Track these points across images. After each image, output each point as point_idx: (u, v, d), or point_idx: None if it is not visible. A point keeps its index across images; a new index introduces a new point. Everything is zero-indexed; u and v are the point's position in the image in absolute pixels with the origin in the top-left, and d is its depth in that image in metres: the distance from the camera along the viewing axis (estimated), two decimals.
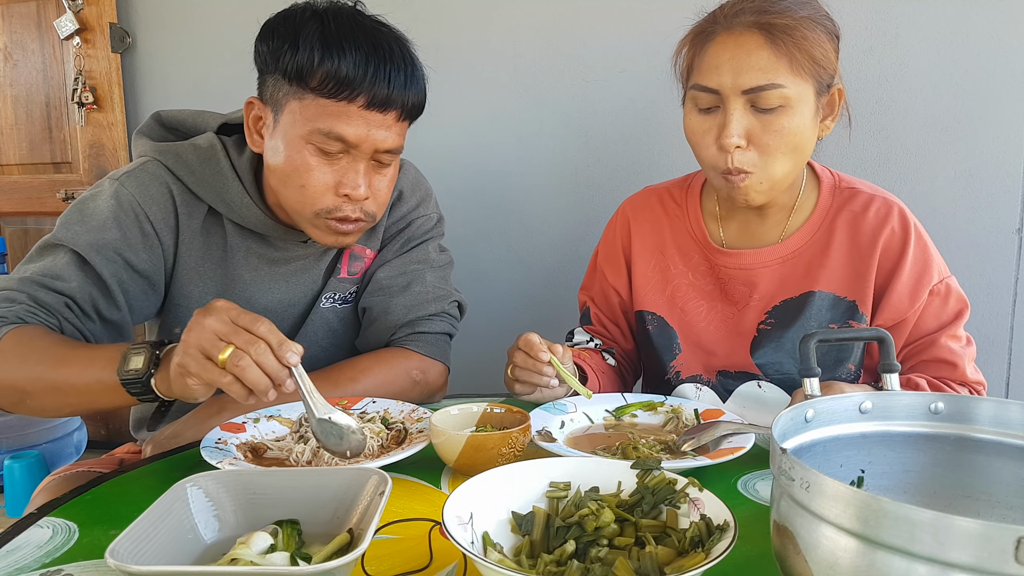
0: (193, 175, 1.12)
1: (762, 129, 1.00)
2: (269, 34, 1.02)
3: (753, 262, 1.14)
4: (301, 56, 0.97)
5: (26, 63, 2.53)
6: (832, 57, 1.03)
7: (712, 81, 1.01)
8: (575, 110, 1.93)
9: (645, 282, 1.23)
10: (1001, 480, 0.63)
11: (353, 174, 1.03)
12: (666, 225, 1.23)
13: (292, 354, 0.80)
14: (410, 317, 1.21)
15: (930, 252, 1.09)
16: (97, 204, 1.09)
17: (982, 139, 1.63)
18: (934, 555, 0.42)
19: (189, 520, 0.65)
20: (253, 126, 1.08)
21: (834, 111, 1.07)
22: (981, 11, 1.59)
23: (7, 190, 2.63)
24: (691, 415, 1.02)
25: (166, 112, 1.22)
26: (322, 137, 1.00)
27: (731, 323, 1.16)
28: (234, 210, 1.13)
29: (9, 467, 2.35)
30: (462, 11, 1.99)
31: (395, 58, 1.01)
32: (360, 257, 1.25)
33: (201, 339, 0.80)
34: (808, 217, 1.14)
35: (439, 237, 1.32)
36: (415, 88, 1.04)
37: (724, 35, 1.01)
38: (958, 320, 1.09)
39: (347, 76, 0.97)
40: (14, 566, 0.66)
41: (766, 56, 0.98)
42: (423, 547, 0.69)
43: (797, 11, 1.00)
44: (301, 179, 1.02)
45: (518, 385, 1.07)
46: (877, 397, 0.66)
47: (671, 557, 0.59)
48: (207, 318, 0.80)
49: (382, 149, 1.03)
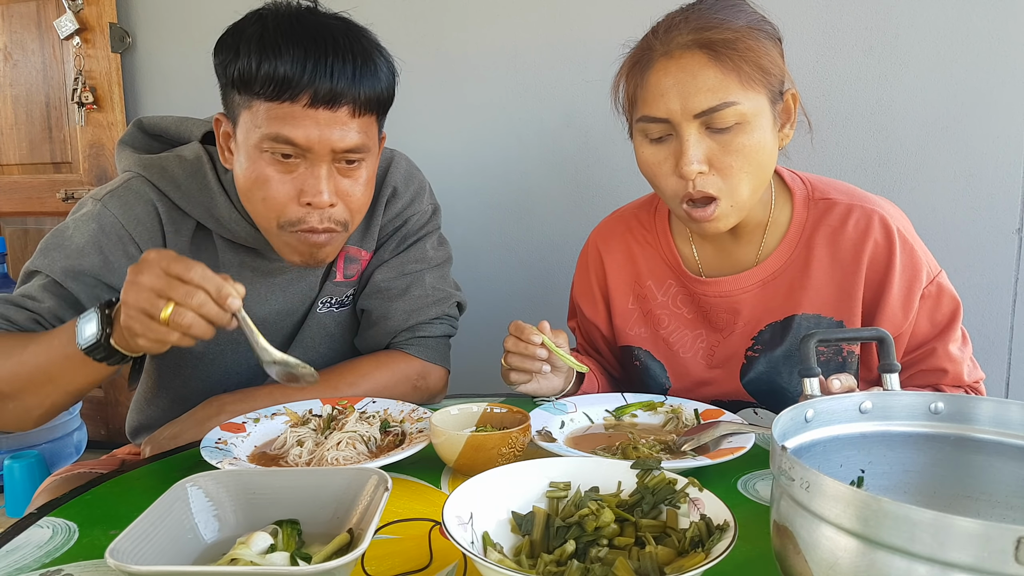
0: (179, 190, 1.09)
1: (722, 151, 0.94)
2: (219, 46, 0.99)
3: (733, 288, 1.09)
4: (242, 62, 0.94)
5: (26, 63, 2.53)
6: (779, 62, 0.97)
7: (660, 110, 0.95)
8: (575, 110, 1.93)
9: (626, 317, 1.18)
10: (1001, 480, 0.63)
11: (313, 180, 0.97)
12: (638, 253, 1.17)
13: (233, 299, 0.80)
14: (410, 323, 1.19)
15: (917, 256, 1.03)
16: (78, 228, 1.06)
17: (982, 139, 1.63)
18: (934, 555, 0.42)
19: (189, 520, 0.65)
20: (224, 143, 1.04)
21: (791, 117, 1.01)
22: (981, 11, 1.59)
23: (7, 190, 2.63)
24: (691, 415, 1.02)
25: (147, 119, 1.19)
26: (271, 143, 0.95)
27: (718, 350, 1.12)
28: (223, 225, 1.10)
29: (9, 467, 2.35)
30: (462, 12, 1.99)
31: (340, 50, 0.94)
32: (356, 259, 1.22)
33: (139, 299, 0.79)
34: (784, 234, 1.07)
35: (436, 231, 1.27)
36: (369, 80, 0.97)
37: (663, 60, 0.95)
38: (954, 322, 1.04)
39: (285, 75, 0.92)
40: (14, 566, 0.66)
41: (713, 75, 0.93)
42: (423, 547, 0.69)
43: (734, 21, 0.95)
44: (261, 191, 0.98)
45: (513, 374, 1.05)
46: (877, 397, 0.66)
47: (671, 557, 0.59)
48: (140, 275, 0.79)
49: (340, 149, 0.96)
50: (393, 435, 0.95)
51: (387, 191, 1.20)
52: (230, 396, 1.07)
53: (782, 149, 1.03)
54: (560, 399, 1.06)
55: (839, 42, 1.69)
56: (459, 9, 1.98)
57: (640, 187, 1.31)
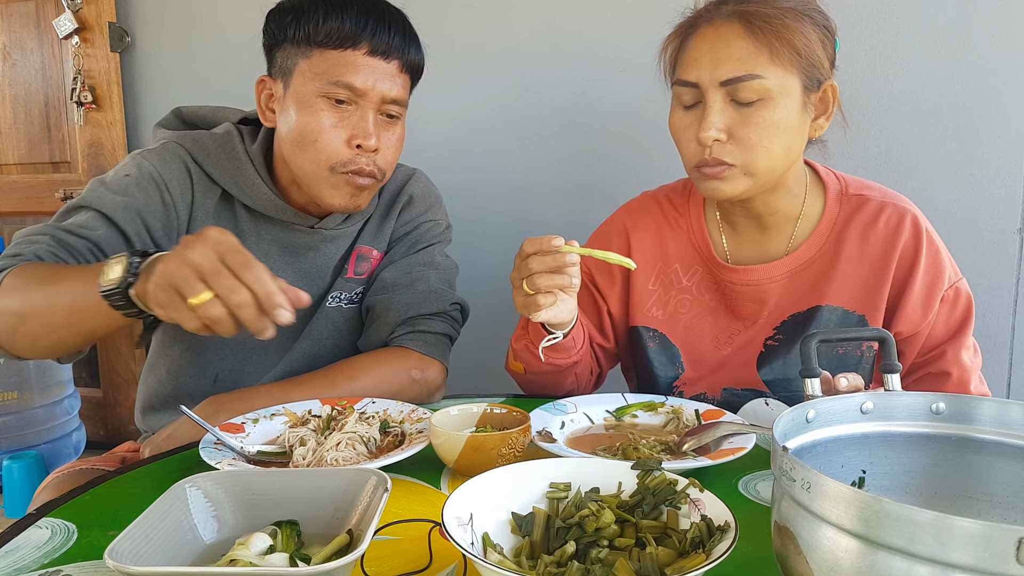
0: (209, 158, 1.16)
1: (742, 122, 0.97)
2: (276, 13, 1.10)
3: (762, 278, 1.10)
4: (306, 19, 1.06)
5: (25, 62, 2.53)
6: (819, 51, 0.98)
7: (691, 75, 0.98)
8: (575, 110, 1.93)
9: (646, 296, 1.17)
10: (1002, 480, 0.63)
11: (364, 124, 1.08)
12: (668, 235, 1.17)
13: (284, 312, 0.73)
14: (411, 314, 1.21)
15: (942, 258, 1.05)
16: (117, 173, 1.12)
17: (983, 138, 1.63)
18: (935, 556, 0.42)
19: (188, 521, 0.64)
20: (265, 104, 1.14)
21: (828, 109, 1.03)
22: (982, 10, 1.59)
23: (6, 190, 2.63)
24: (692, 415, 1.02)
25: (187, 108, 1.28)
26: (331, 87, 1.06)
27: (737, 339, 1.12)
28: (245, 191, 1.16)
29: (8, 467, 2.35)
30: (462, 10, 1.98)
31: (392, 16, 1.09)
32: (367, 258, 1.26)
33: (177, 273, 0.72)
34: (815, 227, 1.09)
35: (446, 243, 1.33)
36: (415, 46, 1.12)
37: (705, 27, 0.99)
38: (966, 327, 1.05)
39: (349, 28, 1.05)
40: (13, 567, 0.65)
41: (744, 46, 0.95)
42: (423, 548, 0.69)
43: (781, 1, 0.97)
44: (314, 134, 1.07)
45: (541, 297, 0.96)
46: (878, 397, 0.66)
47: (672, 558, 0.59)
48: (191, 249, 0.72)
49: (388, 98, 1.09)
50: (393, 436, 0.95)
51: (403, 198, 1.28)
52: (229, 396, 1.06)
53: (814, 140, 1.04)
54: (561, 400, 1.06)
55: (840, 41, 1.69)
56: (459, 8, 1.98)
57: (640, 187, 1.32)
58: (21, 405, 2.47)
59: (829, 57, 1.01)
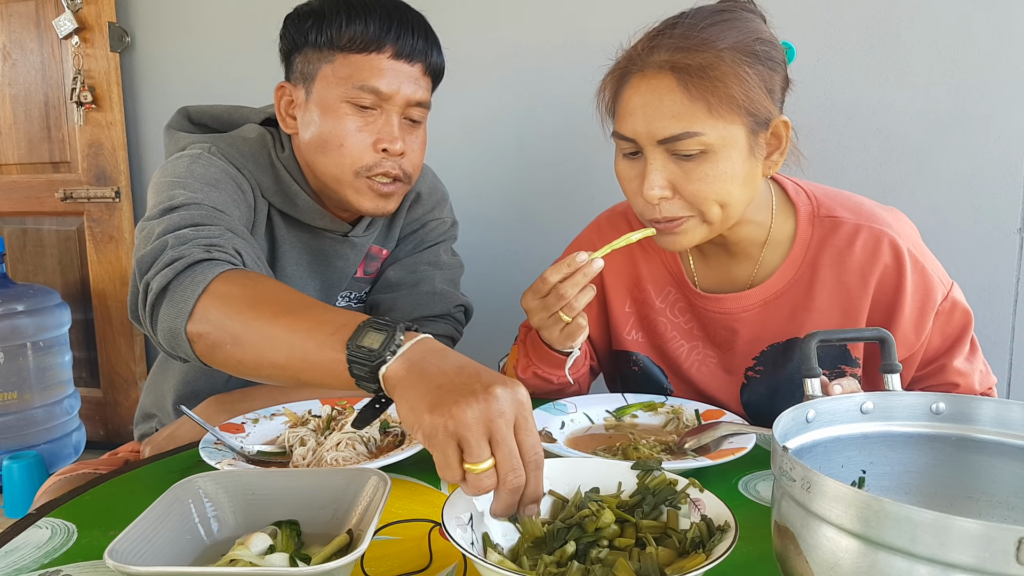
0: (251, 163, 1.12)
1: (685, 178, 0.91)
2: (295, 18, 1.08)
3: (733, 307, 1.06)
4: (328, 23, 1.04)
5: (25, 62, 2.52)
6: (761, 94, 0.90)
7: (627, 129, 0.93)
8: (575, 110, 1.92)
9: (623, 320, 1.14)
10: (1002, 481, 0.63)
11: (389, 127, 1.07)
12: (639, 257, 1.13)
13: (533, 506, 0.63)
14: (414, 316, 1.22)
15: (929, 276, 1.00)
16: (191, 167, 1.04)
17: (983, 139, 1.63)
18: (935, 556, 0.42)
19: (188, 521, 0.65)
20: (285, 111, 1.12)
21: (781, 144, 0.96)
22: (982, 11, 1.59)
23: (6, 190, 2.63)
24: (692, 415, 1.02)
25: (194, 108, 1.23)
26: (356, 92, 1.04)
27: (718, 363, 1.10)
28: (287, 198, 1.13)
29: (8, 468, 2.34)
30: (463, 10, 1.98)
31: (414, 19, 1.08)
32: (376, 257, 1.27)
33: (469, 433, 0.58)
34: (787, 253, 1.03)
35: (452, 241, 1.33)
36: (436, 48, 1.11)
37: (637, 78, 0.92)
38: (963, 335, 1.02)
39: (373, 31, 1.04)
40: (13, 567, 0.65)
41: (679, 101, 0.88)
42: (423, 548, 0.69)
43: (718, 41, 0.89)
44: (339, 139, 1.05)
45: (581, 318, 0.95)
46: (878, 397, 0.66)
47: (672, 558, 0.59)
48: (491, 408, 0.58)
49: (413, 101, 1.08)
50: (393, 436, 0.95)
51: (411, 195, 1.26)
52: (229, 396, 1.07)
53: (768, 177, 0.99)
54: (561, 401, 1.06)
55: (840, 41, 1.69)
56: (459, 9, 1.98)
57: None
58: (21, 405, 2.47)
59: (779, 89, 0.95)
